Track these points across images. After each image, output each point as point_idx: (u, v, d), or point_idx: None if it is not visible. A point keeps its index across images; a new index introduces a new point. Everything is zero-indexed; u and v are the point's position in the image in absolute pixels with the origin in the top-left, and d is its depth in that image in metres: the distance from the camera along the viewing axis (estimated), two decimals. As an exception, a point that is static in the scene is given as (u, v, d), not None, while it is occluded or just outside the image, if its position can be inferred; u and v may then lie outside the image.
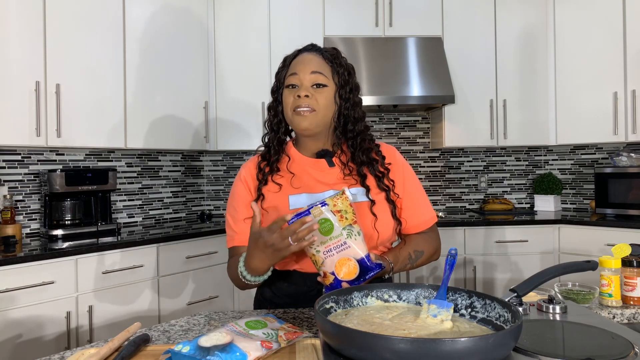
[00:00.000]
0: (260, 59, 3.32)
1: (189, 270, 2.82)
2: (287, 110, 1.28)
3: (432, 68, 3.31)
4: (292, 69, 1.29)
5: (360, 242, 1.09)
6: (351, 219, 1.08)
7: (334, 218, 1.07)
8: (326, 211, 1.06)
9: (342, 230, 1.07)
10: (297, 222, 1.04)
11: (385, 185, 1.30)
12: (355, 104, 1.31)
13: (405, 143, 3.82)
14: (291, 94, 1.26)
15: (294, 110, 1.25)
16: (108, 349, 0.95)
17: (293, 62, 1.31)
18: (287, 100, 1.27)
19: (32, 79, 2.45)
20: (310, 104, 1.24)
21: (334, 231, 1.07)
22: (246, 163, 1.39)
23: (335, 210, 1.07)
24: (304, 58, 1.29)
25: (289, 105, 1.27)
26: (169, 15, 3.09)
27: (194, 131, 3.25)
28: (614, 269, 1.28)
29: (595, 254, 2.93)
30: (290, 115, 1.27)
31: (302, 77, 1.26)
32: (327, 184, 1.29)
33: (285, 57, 1.35)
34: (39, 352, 2.15)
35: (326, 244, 1.07)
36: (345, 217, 1.08)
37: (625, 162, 3.23)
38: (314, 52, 1.31)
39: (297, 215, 1.06)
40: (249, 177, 1.34)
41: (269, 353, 0.90)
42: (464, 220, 3.21)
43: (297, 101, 1.25)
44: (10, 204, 2.61)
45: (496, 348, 0.70)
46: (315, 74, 1.26)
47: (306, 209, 1.06)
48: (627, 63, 3.15)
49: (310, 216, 1.05)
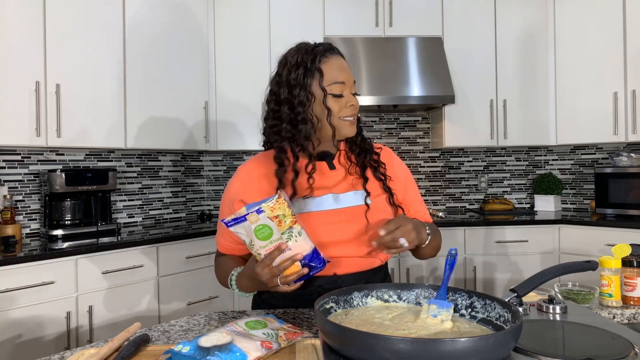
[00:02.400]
0: (260, 59, 3.32)
1: (189, 270, 2.82)
2: (332, 118, 1.23)
3: (432, 68, 3.31)
4: (335, 76, 1.23)
5: (301, 242, 1.07)
6: (290, 221, 1.06)
7: (272, 224, 1.05)
8: (263, 218, 1.04)
9: (281, 234, 1.05)
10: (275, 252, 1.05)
11: (387, 187, 1.30)
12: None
13: (405, 143, 3.82)
14: (338, 101, 1.23)
15: (341, 118, 1.23)
16: (108, 349, 0.94)
17: (328, 67, 1.23)
18: (335, 107, 1.23)
19: (32, 79, 2.45)
20: (355, 112, 1.26)
21: (273, 236, 1.06)
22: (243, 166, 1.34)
23: (273, 217, 1.04)
24: (342, 63, 1.26)
25: (336, 112, 1.23)
26: (169, 15, 3.09)
27: (194, 131, 3.25)
28: (614, 269, 1.28)
29: (596, 254, 2.93)
30: (336, 123, 1.23)
31: (349, 85, 1.25)
32: (327, 186, 1.27)
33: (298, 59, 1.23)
34: (39, 352, 2.15)
35: (266, 248, 1.07)
36: (284, 221, 1.05)
37: (626, 162, 3.23)
38: (340, 55, 1.28)
39: (234, 220, 1.05)
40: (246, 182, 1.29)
41: (269, 353, 0.90)
42: (464, 220, 3.21)
43: (349, 110, 1.24)
44: (10, 204, 2.61)
45: (496, 348, 0.70)
46: (354, 84, 1.27)
47: (243, 215, 1.04)
48: (627, 63, 3.15)
49: (252, 226, 1.04)
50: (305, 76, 1.22)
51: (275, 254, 1.06)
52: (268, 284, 1.08)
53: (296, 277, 1.07)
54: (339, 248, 1.23)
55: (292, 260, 1.06)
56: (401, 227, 1.11)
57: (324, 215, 1.24)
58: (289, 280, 1.07)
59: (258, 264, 1.08)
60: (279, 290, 1.09)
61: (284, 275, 1.07)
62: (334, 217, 1.24)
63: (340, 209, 1.25)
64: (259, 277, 1.07)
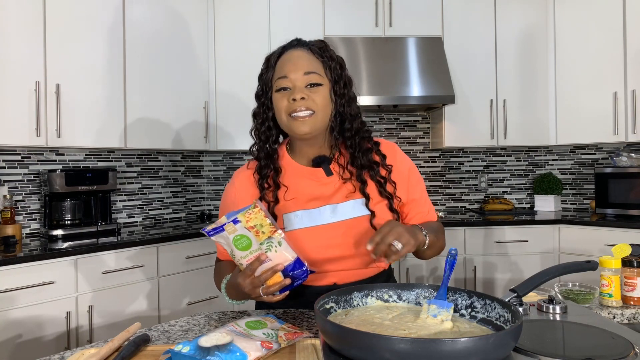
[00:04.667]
0: (260, 59, 3.24)
1: (189, 270, 2.82)
2: (280, 115, 1.17)
3: (432, 68, 3.31)
4: (280, 71, 1.18)
5: (281, 252, 1.04)
6: (269, 231, 1.03)
7: (249, 234, 1.03)
8: (240, 228, 1.02)
9: (259, 245, 1.03)
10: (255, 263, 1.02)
11: (388, 193, 1.22)
12: (350, 100, 1.22)
13: (405, 143, 3.81)
14: (284, 97, 1.16)
15: (290, 115, 1.15)
16: (108, 349, 0.94)
17: (280, 62, 1.19)
18: (280, 104, 1.16)
19: (32, 79, 2.45)
20: (308, 105, 1.14)
21: (252, 246, 1.04)
22: (239, 172, 1.30)
23: (250, 227, 1.02)
24: (291, 56, 1.18)
25: (283, 109, 1.16)
26: (169, 15, 3.09)
27: (194, 131, 3.25)
28: (614, 269, 1.28)
29: (596, 254, 2.93)
30: (285, 121, 1.17)
31: (294, 78, 1.15)
32: (324, 196, 1.21)
33: (268, 56, 1.22)
34: (39, 352, 2.15)
35: (247, 258, 1.05)
36: (261, 231, 1.03)
37: (626, 162, 3.23)
38: (300, 47, 1.20)
39: (214, 229, 1.03)
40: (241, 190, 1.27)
41: (269, 353, 0.90)
42: (464, 220, 3.21)
43: (292, 105, 1.14)
44: (10, 204, 2.61)
45: (496, 348, 0.70)
46: (308, 75, 1.16)
47: (221, 225, 1.03)
48: (627, 63, 3.15)
49: (230, 236, 1.03)
50: (264, 74, 1.23)
51: (255, 264, 1.03)
52: (251, 294, 1.05)
53: (279, 288, 1.04)
54: (338, 264, 1.20)
55: (272, 271, 1.03)
56: (390, 233, 1.03)
57: (320, 230, 1.19)
58: (272, 291, 1.04)
59: (240, 275, 1.05)
60: (263, 300, 1.06)
61: (266, 286, 1.04)
62: (332, 231, 1.19)
63: (338, 222, 1.19)
64: (241, 288, 1.05)
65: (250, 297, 1.08)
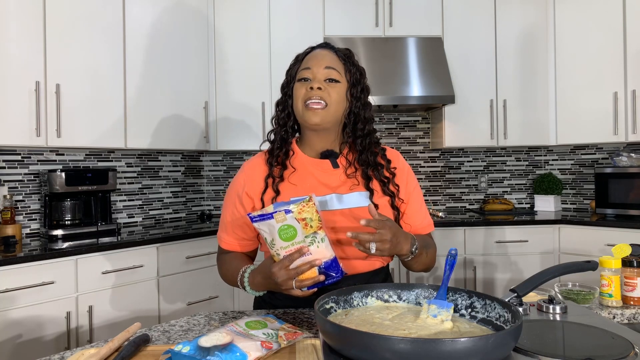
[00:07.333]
0: (261, 59, 3.32)
1: (189, 270, 2.82)
2: (297, 103, 1.24)
3: (432, 68, 3.31)
4: (305, 64, 1.27)
5: (323, 248, 1.06)
6: (316, 226, 1.05)
7: (297, 226, 1.04)
8: (290, 219, 1.03)
9: (304, 237, 1.05)
10: (295, 254, 1.04)
11: (390, 191, 1.28)
12: (365, 105, 1.29)
13: (405, 143, 3.82)
14: (303, 86, 1.24)
15: (305, 103, 1.22)
16: (108, 349, 0.94)
17: (306, 57, 1.29)
18: (299, 92, 1.24)
19: (32, 79, 2.45)
20: (322, 96, 1.21)
21: (296, 237, 1.05)
22: (249, 160, 1.35)
23: (300, 218, 1.04)
24: (317, 54, 1.28)
25: (300, 97, 1.23)
26: (169, 15, 3.09)
27: (194, 131, 3.25)
28: (614, 269, 1.28)
29: (596, 254, 2.93)
30: (301, 109, 1.24)
31: (316, 70, 1.24)
32: (330, 186, 1.26)
33: (298, 54, 1.33)
34: (39, 352, 2.15)
35: (287, 249, 1.06)
36: (310, 225, 1.04)
37: (626, 162, 3.23)
38: (327, 49, 1.30)
39: (260, 216, 1.04)
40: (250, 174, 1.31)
41: (269, 353, 0.90)
42: (464, 221, 3.21)
43: (309, 93, 1.22)
44: (10, 204, 2.61)
45: (496, 348, 0.70)
46: (329, 69, 1.24)
47: (270, 213, 1.04)
48: (627, 63, 3.15)
49: (277, 225, 1.03)
50: (291, 68, 1.32)
51: (295, 256, 1.04)
52: (282, 285, 1.06)
53: (311, 283, 1.05)
54: (339, 249, 1.22)
55: (310, 265, 1.05)
56: (378, 234, 1.05)
57: (327, 215, 1.22)
58: (304, 285, 1.05)
59: (275, 264, 1.06)
60: (292, 293, 1.07)
61: (299, 279, 1.05)
62: (337, 217, 1.23)
63: (344, 210, 1.24)
64: (274, 278, 1.06)
65: (278, 289, 1.09)
